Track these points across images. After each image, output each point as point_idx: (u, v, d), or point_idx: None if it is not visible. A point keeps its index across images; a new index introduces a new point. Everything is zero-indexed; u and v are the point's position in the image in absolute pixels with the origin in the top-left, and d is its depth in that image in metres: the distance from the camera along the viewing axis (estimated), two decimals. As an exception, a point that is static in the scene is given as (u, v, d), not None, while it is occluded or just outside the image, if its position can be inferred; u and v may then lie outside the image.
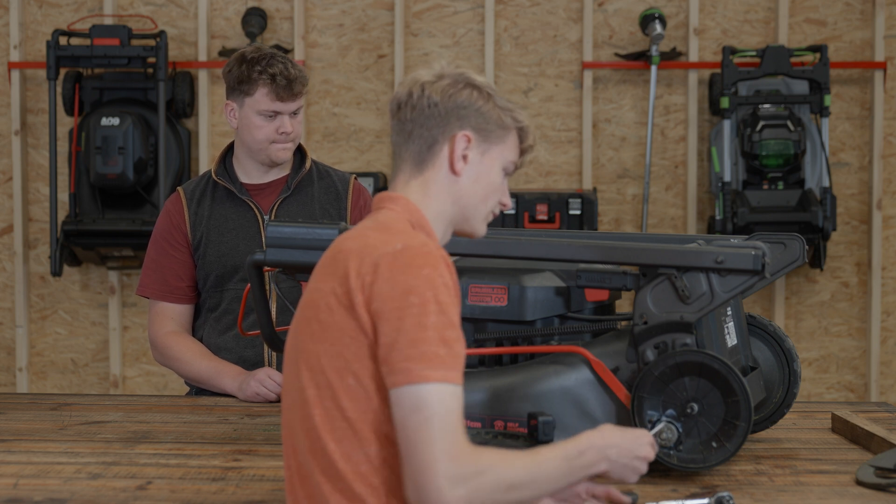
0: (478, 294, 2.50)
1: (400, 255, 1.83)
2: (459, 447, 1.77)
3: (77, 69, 5.13)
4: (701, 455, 2.29)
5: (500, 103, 2.00)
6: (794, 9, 5.20)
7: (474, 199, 1.99)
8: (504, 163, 2.01)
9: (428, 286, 1.80)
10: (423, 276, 1.81)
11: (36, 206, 5.33)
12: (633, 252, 2.39)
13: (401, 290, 1.80)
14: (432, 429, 1.76)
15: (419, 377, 1.77)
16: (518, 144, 2.03)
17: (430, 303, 1.79)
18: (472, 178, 1.98)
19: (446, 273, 1.83)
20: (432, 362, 1.78)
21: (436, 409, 1.76)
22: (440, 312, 1.79)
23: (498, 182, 2.01)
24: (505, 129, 2.00)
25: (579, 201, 4.99)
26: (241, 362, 3.17)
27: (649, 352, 2.34)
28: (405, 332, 1.79)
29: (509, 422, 2.39)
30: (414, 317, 1.79)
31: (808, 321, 5.26)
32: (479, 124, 1.98)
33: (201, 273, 3.23)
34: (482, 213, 2.01)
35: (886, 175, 5.23)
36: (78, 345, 5.34)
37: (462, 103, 1.97)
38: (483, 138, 1.98)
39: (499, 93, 2.02)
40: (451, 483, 1.74)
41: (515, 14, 5.26)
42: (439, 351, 1.78)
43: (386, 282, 1.81)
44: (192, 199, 3.25)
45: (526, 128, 2.03)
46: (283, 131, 3.16)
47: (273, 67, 3.12)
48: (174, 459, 2.49)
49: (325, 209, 3.25)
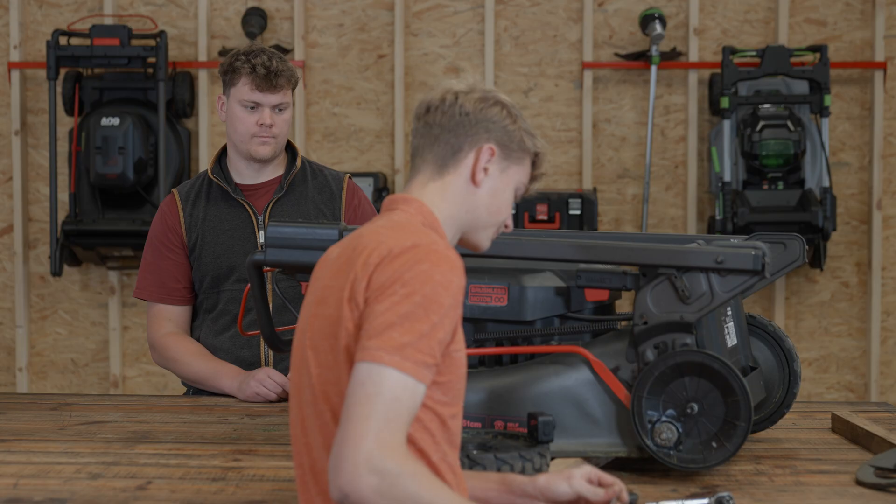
0: (478, 294, 2.50)
1: (407, 251, 1.84)
2: (393, 439, 1.74)
3: (77, 69, 5.13)
4: (701, 455, 2.29)
5: (524, 126, 2.03)
6: (794, 9, 5.20)
7: (486, 212, 2.01)
8: (517, 184, 2.04)
9: (420, 280, 1.80)
10: (419, 271, 1.81)
11: (36, 206, 5.33)
12: (633, 252, 2.39)
13: (391, 279, 1.81)
14: (372, 406, 1.74)
15: (373, 357, 1.76)
16: (531, 170, 2.06)
17: (416, 295, 1.79)
18: (488, 191, 2.00)
19: (450, 274, 1.83)
20: (390, 347, 1.77)
21: (382, 391, 1.75)
22: (422, 306, 1.79)
23: (509, 201, 2.03)
24: (524, 152, 2.03)
25: (579, 201, 4.99)
26: (238, 362, 3.17)
27: (649, 352, 2.34)
28: (378, 314, 1.79)
29: (509, 422, 2.39)
30: (392, 303, 1.79)
31: (808, 321, 5.27)
32: (503, 141, 2.00)
33: (197, 274, 3.23)
34: (491, 228, 2.03)
35: (886, 175, 5.23)
36: (78, 345, 5.35)
37: (492, 118, 2.00)
38: (505, 155, 2.01)
39: (523, 115, 2.06)
40: (369, 468, 1.72)
41: (515, 14, 5.26)
42: (404, 339, 1.77)
43: (383, 272, 1.82)
44: (186, 201, 3.25)
45: (542, 155, 2.06)
46: (261, 123, 3.16)
47: (256, 58, 3.15)
48: (174, 459, 2.49)
49: (319, 208, 3.25)
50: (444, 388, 1.88)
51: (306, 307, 1.94)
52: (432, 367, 1.81)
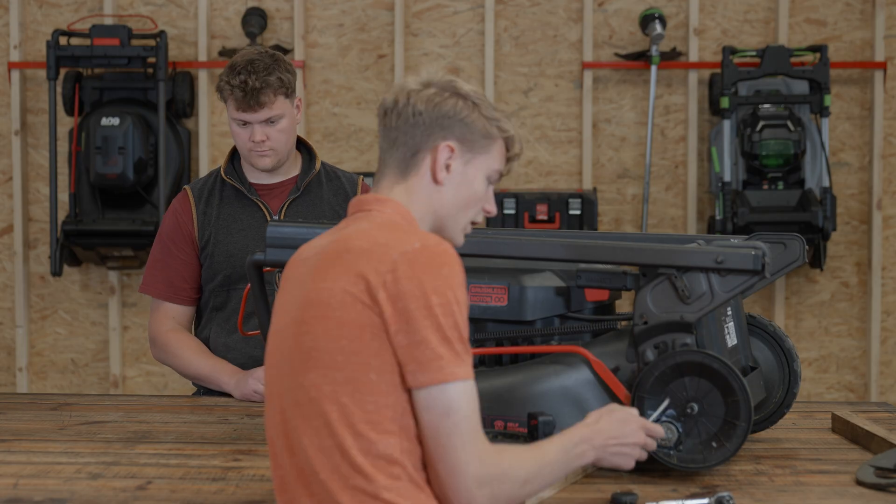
0: (478, 294, 2.50)
1: (419, 253, 1.85)
2: (485, 449, 1.86)
3: (77, 69, 5.13)
4: (701, 455, 2.29)
5: (486, 113, 2.01)
6: (794, 9, 5.20)
7: (454, 208, 2.01)
8: (488, 172, 2.03)
9: (448, 285, 1.85)
10: (444, 276, 1.85)
11: (36, 206, 5.33)
12: (633, 252, 2.39)
13: (426, 290, 1.84)
14: (462, 433, 1.84)
15: (450, 375, 1.83)
16: (504, 153, 2.05)
17: (453, 303, 1.85)
18: (453, 188, 2.00)
19: (461, 271, 1.88)
20: (457, 360, 1.84)
21: (464, 412, 1.84)
22: (460, 312, 1.86)
23: (481, 191, 2.03)
24: (490, 139, 2.01)
25: (579, 201, 4.99)
26: (251, 361, 3.17)
27: (649, 352, 2.34)
28: (433, 330, 1.83)
29: (509, 422, 2.39)
30: (436, 316, 1.83)
31: (808, 321, 5.27)
32: (462, 134, 1.99)
33: (208, 272, 3.23)
34: (461, 223, 2.04)
35: (886, 175, 5.23)
36: (78, 345, 5.34)
37: (447, 113, 1.98)
38: (467, 148, 2.00)
39: (486, 101, 2.03)
40: (479, 484, 1.84)
41: (515, 14, 5.26)
42: (458, 347, 1.85)
43: (409, 280, 1.84)
44: (199, 199, 3.25)
45: (512, 137, 2.05)
46: (252, 139, 3.14)
47: (235, 78, 3.07)
48: (174, 459, 2.49)
49: (334, 210, 3.25)
50: None
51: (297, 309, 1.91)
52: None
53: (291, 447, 1.89)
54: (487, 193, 2.05)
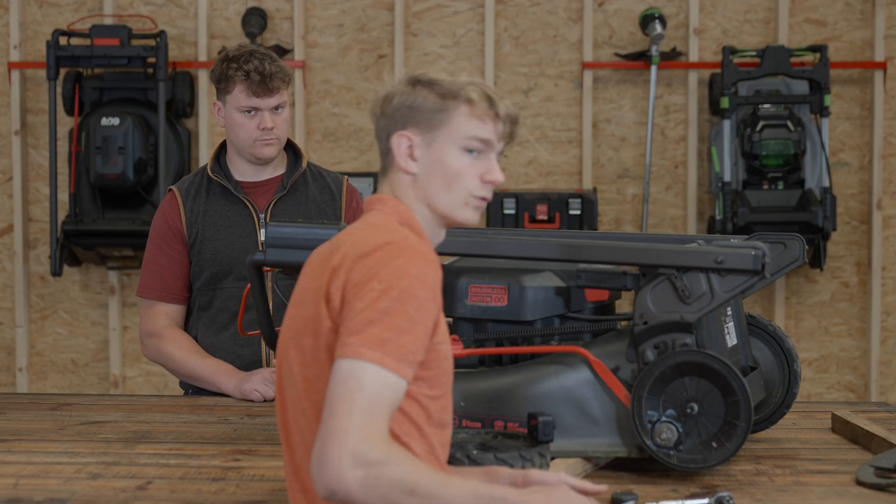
0: (478, 294, 2.50)
1: (380, 248, 1.86)
2: (375, 431, 1.76)
3: (77, 69, 5.13)
4: (701, 455, 2.29)
5: (437, 88, 1.96)
6: (794, 9, 5.20)
7: (436, 190, 1.97)
8: (461, 142, 1.96)
9: (395, 275, 1.82)
10: (394, 266, 1.83)
11: (36, 206, 5.33)
12: (633, 252, 2.39)
13: (367, 276, 1.83)
14: (354, 402, 1.76)
15: (354, 352, 1.78)
16: (472, 115, 1.96)
17: (393, 290, 1.81)
18: (426, 173, 1.97)
19: (425, 268, 1.84)
20: (371, 343, 1.79)
21: (364, 387, 1.77)
22: (399, 301, 1.81)
23: (459, 165, 1.96)
24: (445, 112, 1.95)
25: (579, 201, 4.99)
26: (239, 361, 3.17)
27: (649, 352, 2.34)
28: (358, 312, 1.81)
29: (509, 422, 2.39)
30: (370, 300, 1.81)
31: (808, 321, 5.27)
32: (414, 118, 1.97)
33: (195, 270, 3.23)
34: (455, 201, 1.97)
35: (886, 175, 5.23)
36: (78, 345, 5.34)
37: (397, 105, 1.98)
38: (424, 130, 1.96)
39: (447, 78, 1.97)
40: (354, 461, 1.74)
41: (515, 14, 5.26)
42: (383, 335, 1.79)
43: (361, 270, 1.84)
44: (187, 197, 3.25)
45: (473, 99, 1.96)
46: (263, 127, 3.16)
47: (248, 64, 3.13)
48: (174, 459, 2.49)
49: (321, 209, 3.25)
50: (431, 382, 1.90)
51: (289, 308, 1.96)
52: (414, 363, 1.82)
53: (289, 443, 1.91)
54: (478, 163, 1.97)
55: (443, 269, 2.55)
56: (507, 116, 1.98)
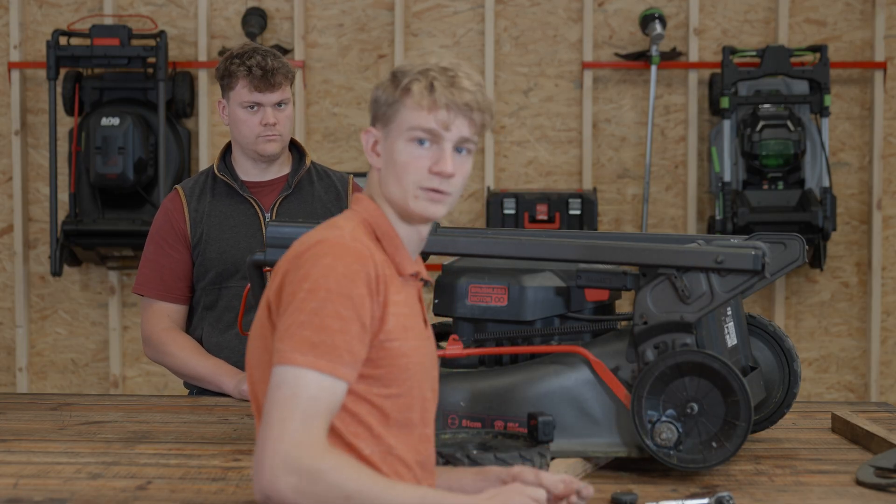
0: (478, 294, 2.50)
1: (311, 247, 1.85)
2: (310, 437, 1.75)
3: (77, 69, 5.13)
4: (701, 455, 2.29)
5: (395, 80, 1.93)
6: (794, 9, 5.20)
7: (391, 184, 1.94)
8: (406, 133, 1.91)
9: (323, 274, 1.81)
10: (323, 265, 1.82)
11: (36, 206, 5.33)
12: (633, 252, 2.39)
13: (299, 277, 1.82)
14: (287, 408, 1.76)
15: (286, 359, 1.78)
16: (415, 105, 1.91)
17: (320, 290, 1.80)
18: (384, 167, 1.95)
19: (355, 265, 1.83)
20: (301, 347, 1.78)
21: (298, 393, 1.77)
22: (328, 301, 1.79)
23: (406, 157, 1.91)
24: (394, 104, 1.93)
25: (579, 201, 4.99)
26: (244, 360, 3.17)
27: (649, 352, 2.34)
28: (288, 315, 1.80)
29: (509, 422, 2.39)
30: (300, 301, 1.80)
31: (808, 321, 5.27)
32: (376, 114, 1.96)
33: (200, 270, 3.23)
34: (405, 194, 1.92)
35: (886, 175, 5.23)
36: (78, 345, 5.35)
37: (371, 100, 1.98)
38: (382, 124, 1.95)
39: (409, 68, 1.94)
40: (287, 469, 1.73)
41: (515, 14, 5.26)
42: (314, 337, 1.78)
43: (293, 272, 1.84)
44: (191, 197, 3.25)
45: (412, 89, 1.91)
46: (265, 122, 3.17)
47: (251, 60, 3.15)
48: (174, 459, 2.49)
49: (326, 208, 3.26)
50: (384, 381, 1.87)
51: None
52: (352, 362, 1.81)
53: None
54: (428, 154, 1.91)
55: (443, 269, 2.56)
56: (450, 104, 1.91)
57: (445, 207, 1.96)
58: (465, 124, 1.93)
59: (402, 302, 1.91)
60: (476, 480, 2.02)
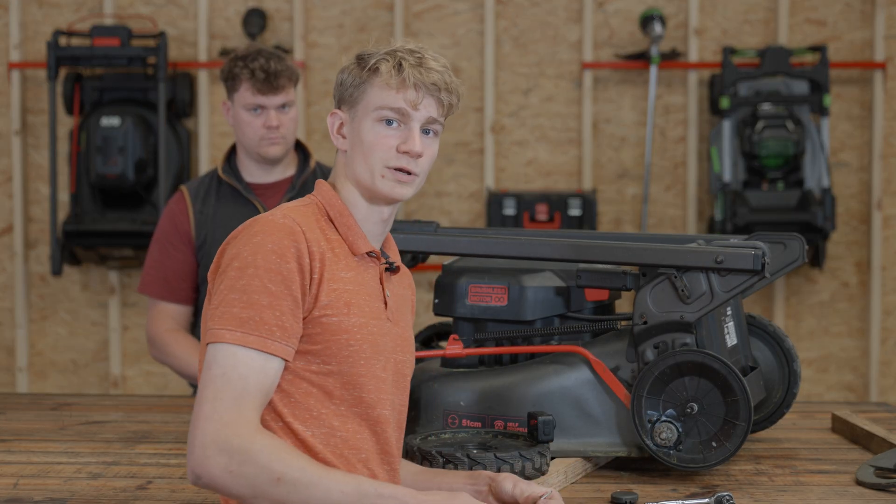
0: (478, 294, 2.50)
1: (247, 226, 1.86)
2: (240, 417, 1.74)
3: (77, 69, 5.13)
4: (701, 455, 2.29)
5: (360, 62, 1.94)
6: (794, 9, 5.20)
7: (357, 165, 1.94)
8: (373, 114, 1.92)
9: (252, 251, 1.81)
10: (253, 243, 1.82)
11: (36, 206, 5.33)
12: (633, 252, 2.39)
13: (230, 257, 1.83)
14: (216, 388, 1.75)
15: (216, 336, 1.78)
16: (383, 84, 1.91)
17: (249, 267, 1.80)
18: (350, 148, 1.95)
19: (285, 240, 1.82)
20: (230, 324, 1.78)
21: (227, 372, 1.76)
22: (256, 277, 1.79)
23: (373, 136, 1.92)
24: (361, 84, 1.93)
25: (579, 201, 4.99)
26: None
27: (649, 351, 2.34)
28: (218, 293, 1.81)
29: (509, 422, 2.39)
30: (229, 279, 1.81)
31: (808, 321, 5.26)
32: (342, 96, 1.97)
33: (204, 271, 3.24)
34: (371, 173, 1.92)
35: (886, 175, 5.23)
36: (78, 345, 5.34)
37: (335, 85, 1.99)
38: (350, 106, 1.95)
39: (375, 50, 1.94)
40: (217, 449, 1.72)
41: (515, 14, 5.26)
42: (243, 314, 1.78)
43: (226, 253, 1.85)
44: (196, 198, 3.26)
45: (380, 68, 1.91)
46: (269, 125, 3.17)
47: (254, 62, 3.16)
48: (174, 459, 2.49)
49: None
50: (322, 357, 1.85)
51: None
52: (284, 338, 1.80)
53: None
54: (396, 134, 1.92)
55: (443, 269, 2.56)
56: (419, 83, 1.91)
57: (412, 189, 1.95)
58: (433, 104, 1.94)
59: (349, 279, 1.90)
60: (465, 485, 2.02)
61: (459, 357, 2.48)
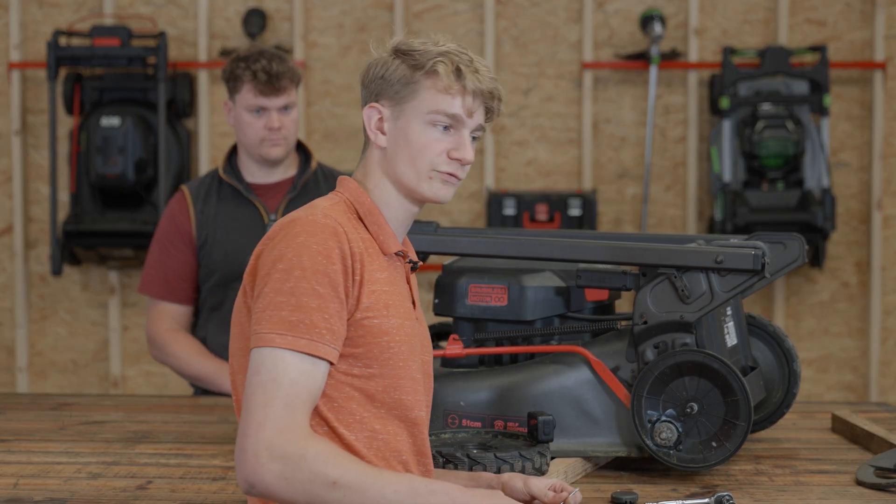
0: (478, 294, 2.50)
1: (284, 227, 1.83)
2: (292, 422, 1.73)
3: (77, 69, 5.13)
4: (701, 455, 2.29)
5: (409, 60, 1.91)
6: (794, 9, 5.20)
7: (401, 164, 1.93)
8: (426, 116, 1.91)
9: (296, 252, 1.79)
10: (296, 244, 1.79)
11: (36, 206, 5.33)
12: (633, 252, 2.39)
13: (273, 258, 1.80)
14: (267, 393, 1.73)
15: (265, 341, 1.75)
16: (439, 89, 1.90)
17: (295, 269, 1.77)
18: (393, 147, 1.93)
19: (330, 241, 1.80)
20: (279, 328, 1.75)
21: (278, 377, 1.74)
22: (303, 279, 1.77)
23: (425, 139, 1.90)
24: (413, 84, 1.91)
25: (579, 201, 4.99)
26: None
27: (649, 351, 2.34)
28: (264, 296, 1.78)
29: (509, 422, 2.39)
30: (275, 282, 1.77)
31: (808, 321, 5.26)
32: (385, 91, 1.94)
33: (205, 271, 3.24)
34: (418, 175, 1.91)
35: (886, 175, 5.23)
36: (78, 345, 5.34)
37: (371, 77, 1.96)
38: (395, 103, 1.93)
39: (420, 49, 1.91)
40: (271, 455, 1.71)
41: (515, 14, 5.26)
42: (292, 317, 1.76)
43: (266, 253, 1.82)
44: (197, 198, 3.26)
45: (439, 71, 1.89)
46: (270, 126, 3.17)
47: (256, 64, 3.15)
48: (174, 459, 2.49)
49: None
50: (364, 361, 1.84)
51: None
52: (332, 342, 1.78)
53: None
54: (447, 139, 1.91)
55: (443, 269, 2.56)
56: (476, 91, 1.90)
57: (453, 191, 1.95)
58: (483, 111, 1.94)
59: (384, 280, 1.88)
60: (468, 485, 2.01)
61: (459, 357, 2.48)
